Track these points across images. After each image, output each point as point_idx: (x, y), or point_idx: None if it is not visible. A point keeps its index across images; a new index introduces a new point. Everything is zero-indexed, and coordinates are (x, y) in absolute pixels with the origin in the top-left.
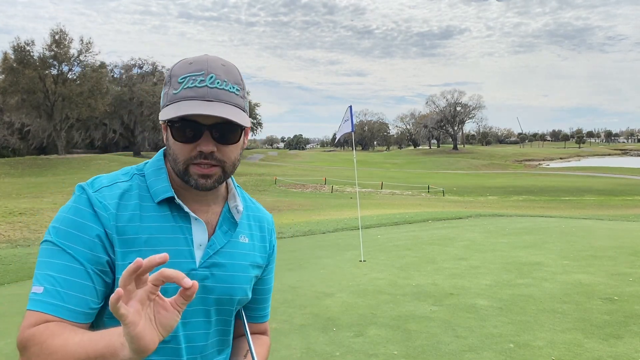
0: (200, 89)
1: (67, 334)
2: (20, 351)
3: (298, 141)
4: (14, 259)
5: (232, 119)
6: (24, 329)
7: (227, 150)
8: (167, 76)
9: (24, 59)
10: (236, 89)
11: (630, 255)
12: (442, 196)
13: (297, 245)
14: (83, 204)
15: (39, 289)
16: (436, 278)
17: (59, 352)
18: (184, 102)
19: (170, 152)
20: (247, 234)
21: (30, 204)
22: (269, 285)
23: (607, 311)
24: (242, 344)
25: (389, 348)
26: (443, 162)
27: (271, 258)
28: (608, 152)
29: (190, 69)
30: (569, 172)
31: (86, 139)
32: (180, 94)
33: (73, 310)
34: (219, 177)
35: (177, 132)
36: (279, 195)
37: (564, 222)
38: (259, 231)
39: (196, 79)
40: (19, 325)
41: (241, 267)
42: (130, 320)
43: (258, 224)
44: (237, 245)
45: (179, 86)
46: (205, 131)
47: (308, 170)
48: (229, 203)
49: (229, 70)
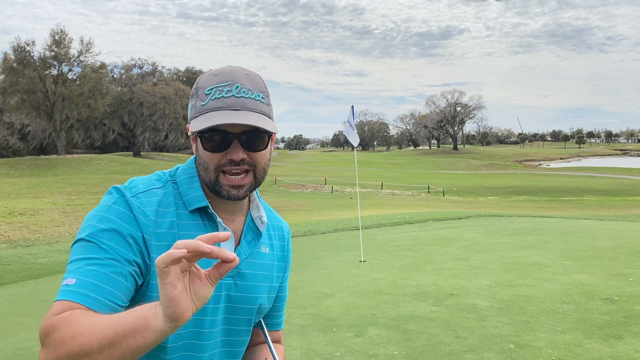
0: (228, 99)
1: (95, 317)
2: (42, 340)
3: (298, 141)
4: (14, 259)
5: (260, 126)
6: (50, 317)
7: (256, 157)
8: (194, 89)
9: (24, 59)
10: (261, 97)
11: (630, 256)
12: (442, 196)
13: (297, 246)
14: (122, 205)
15: (71, 281)
16: (436, 278)
17: (85, 333)
18: (213, 112)
19: (200, 162)
20: (268, 243)
21: (30, 204)
22: (284, 293)
23: (607, 311)
24: (259, 351)
25: (389, 348)
26: (443, 163)
27: (287, 265)
28: (608, 152)
29: (216, 81)
30: (569, 173)
31: (86, 139)
32: (208, 105)
33: (103, 302)
34: (251, 185)
35: (207, 142)
36: (279, 196)
37: (564, 223)
38: (279, 240)
39: (222, 89)
40: (19, 325)
41: (263, 277)
42: (171, 280)
43: (278, 233)
44: (259, 256)
45: (206, 98)
46: (234, 140)
47: (308, 170)
48: (252, 213)
49: (253, 79)
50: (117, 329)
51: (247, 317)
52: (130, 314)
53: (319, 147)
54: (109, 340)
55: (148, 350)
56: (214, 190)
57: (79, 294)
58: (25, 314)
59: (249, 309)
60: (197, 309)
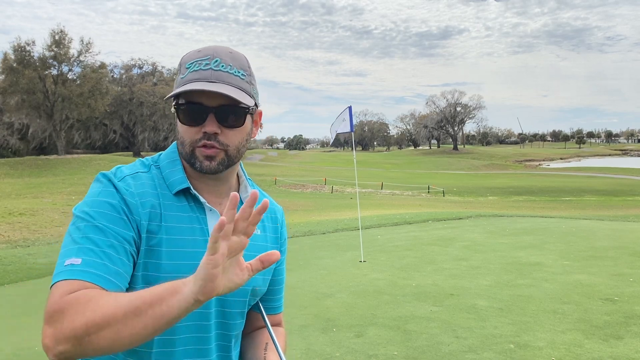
0: (205, 71)
1: (116, 294)
2: (50, 318)
3: (298, 141)
4: (14, 259)
5: (234, 97)
6: (61, 296)
7: (231, 134)
8: (179, 64)
9: (24, 59)
10: (242, 73)
11: (630, 256)
12: (442, 196)
13: (297, 246)
14: (112, 188)
15: (77, 260)
16: (436, 278)
17: (110, 304)
18: (191, 83)
19: (179, 137)
20: (260, 225)
21: (30, 204)
22: (281, 276)
23: (607, 312)
24: (260, 337)
25: (389, 349)
26: (443, 163)
27: (282, 249)
28: (608, 152)
29: (198, 55)
30: (569, 173)
31: (86, 139)
32: (186, 77)
33: (114, 282)
34: (223, 159)
35: (183, 115)
36: (279, 196)
37: (564, 223)
38: (271, 222)
39: (202, 62)
40: (19, 325)
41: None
42: (216, 257)
43: (270, 215)
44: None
45: (186, 71)
46: (210, 113)
47: (308, 170)
48: (241, 195)
49: (235, 57)
50: (144, 298)
51: (241, 299)
52: (158, 286)
53: (319, 147)
54: (134, 308)
55: (170, 324)
56: (190, 163)
57: (89, 274)
58: (25, 314)
59: (243, 291)
60: (223, 293)
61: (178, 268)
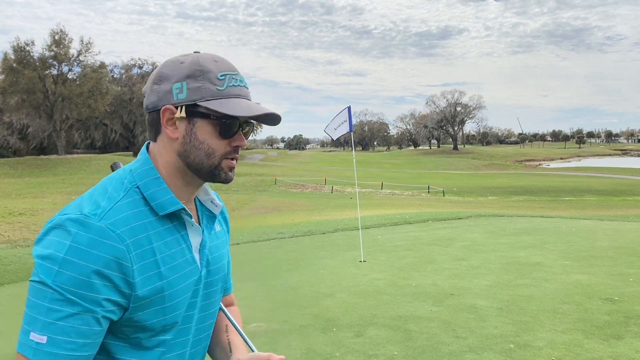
0: (243, 88)
1: None
2: None
3: (298, 141)
4: (14, 259)
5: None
6: None
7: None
8: (197, 70)
9: (23, 59)
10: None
11: (630, 256)
12: (442, 196)
13: (297, 246)
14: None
15: (42, 339)
16: (436, 278)
17: None
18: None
19: (200, 147)
20: (219, 221)
21: (30, 204)
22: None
23: (607, 311)
24: (218, 320)
25: (389, 348)
26: (443, 163)
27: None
28: (608, 152)
29: (223, 67)
30: (569, 173)
31: (86, 139)
32: (226, 90)
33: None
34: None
35: (225, 128)
36: (279, 196)
37: (564, 223)
38: (221, 214)
39: (235, 78)
40: (19, 325)
41: (223, 256)
42: None
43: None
44: (217, 235)
45: (221, 82)
46: (241, 128)
47: (308, 170)
48: (200, 196)
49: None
50: None
51: (219, 294)
52: None
53: (319, 147)
54: None
55: None
56: (210, 174)
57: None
58: None
59: (220, 288)
60: None
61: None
